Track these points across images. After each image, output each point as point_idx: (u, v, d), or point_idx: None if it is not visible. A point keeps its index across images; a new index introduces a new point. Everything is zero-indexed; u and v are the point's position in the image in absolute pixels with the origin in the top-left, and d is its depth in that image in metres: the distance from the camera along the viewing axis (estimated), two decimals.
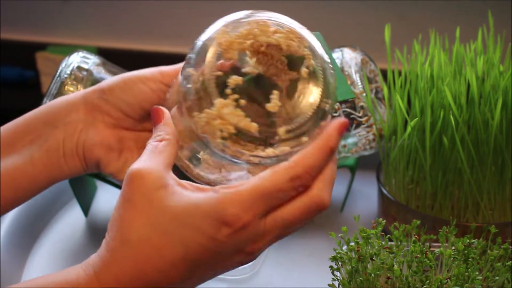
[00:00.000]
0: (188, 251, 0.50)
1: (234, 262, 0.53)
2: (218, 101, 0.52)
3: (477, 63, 0.75)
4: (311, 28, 0.59)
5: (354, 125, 0.82)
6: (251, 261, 0.54)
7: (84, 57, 0.79)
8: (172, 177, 0.53)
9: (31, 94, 1.26)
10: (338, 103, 0.82)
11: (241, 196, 0.50)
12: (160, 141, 0.55)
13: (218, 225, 0.50)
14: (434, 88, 0.75)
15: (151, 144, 0.55)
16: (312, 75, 0.54)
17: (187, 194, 0.51)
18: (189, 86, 0.54)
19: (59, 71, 0.77)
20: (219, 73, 0.53)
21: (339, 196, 0.90)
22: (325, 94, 0.54)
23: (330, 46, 0.88)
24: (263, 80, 0.55)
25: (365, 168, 0.92)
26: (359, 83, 0.82)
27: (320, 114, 0.54)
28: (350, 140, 0.83)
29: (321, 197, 0.52)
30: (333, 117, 0.55)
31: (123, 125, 0.65)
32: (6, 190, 0.63)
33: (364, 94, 0.81)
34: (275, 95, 0.53)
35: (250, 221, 0.50)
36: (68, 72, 0.77)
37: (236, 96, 0.53)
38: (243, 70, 0.54)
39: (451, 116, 0.73)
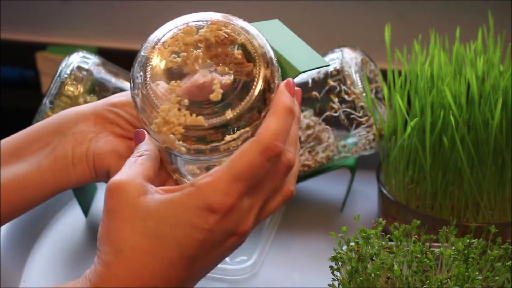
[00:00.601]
0: (183, 248, 0.50)
1: (229, 246, 0.53)
2: (161, 109, 0.54)
3: (477, 63, 0.75)
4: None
5: (354, 125, 0.82)
6: (243, 241, 0.55)
7: (84, 57, 0.79)
8: (150, 185, 0.53)
9: (31, 94, 1.26)
10: (338, 103, 0.82)
11: (219, 181, 0.50)
12: (139, 156, 0.56)
13: (205, 215, 0.50)
14: (434, 88, 0.75)
15: (130, 159, 0.56)
16: (248, 56, 0.55)
17: (167, 195, 0.52)
18: (137, 107, 0.56)
19: (59, 71, 0.77)
20: (157, 83, 0.55)
21: (339, 196, 0.90)
22: (265, 71, 0.55)
23: (330, 46, 0.88)
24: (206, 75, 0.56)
25: (365, 168, 0.92)
26: (359, 83, 0.82)
27: (266, 89, 0.55)
28: (350, 140, 0.83)
29: (287, 156, 0.53)
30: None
31: (133, 136, 0.65)
32: (12, 197, 0.63)
33: (364, 94, 0.81)
34: (216, 85, 0.54)
35: (234, 203, 0.51)
36: (68, 72, 0.77)
37: (178, 98, 0.54)
38: (184, 71, 0.56)
39: (451, 116, 0.73)
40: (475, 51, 0.78)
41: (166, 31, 0.57)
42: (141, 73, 0.56)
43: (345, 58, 0.83)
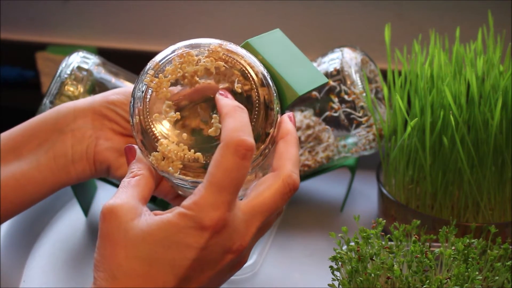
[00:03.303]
0: (176, 269, 0.50)
1: (226, 265, 0.52)
2: (159, 143, 0.55)
3: (477, 63, 0.75)
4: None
5: (354, 125, 0.82)
6: (244, 259, 0.54)
7: (84, 57, 0.79)
8: (145, 208, 0.53)
9: (31, 94, 1.26)
10: (338, 103, 0.82)
11: (204, 197, 0.50)
12: (133, 176, 0.55)
13: (197, 233, 0.50)
14: (434, 88, 0.76)
15: (124, 181, 0.55)
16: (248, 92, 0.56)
17: (159, 217, 0.51)
18: (134, 130, 0.57)
19: (59, 71, 0.77)
20: (156, 115, 0.56)
21: (339, 196, 0.90)
22: (264, 99, 0.56)
23: (330, 46, 0.88)
24: (207, 105, 0.57)
25: (365, 168, 0.92)
26: (359, 83, 0.82)
27: (264, 118, 0.56)
28: (350, 140, 0.83)
29: (291, 176, 0.54)
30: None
31: (131, 133, 0.65)
32: (12, 195, 0.63)
33: (364, 94, 0.81)
34: (215, 119, 0.55)
35: (224, 216, 0.50)
36: (68, 72, 0.77)
37: (177, 131, 0.56)
38: (181, 102, 0.57)
39: (451, 116, 0.73)
40: (475, 51, 0.78)
41: (166, 57, 0.58)
42: (141, 100, 0.57)
43: (345, 58, 0.83)
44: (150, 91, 0.57)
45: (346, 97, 0.82)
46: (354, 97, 0.81)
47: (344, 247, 0.64)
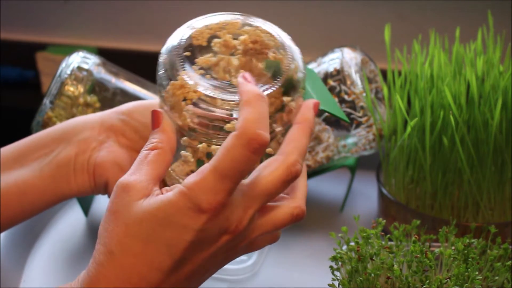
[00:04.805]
0: (172, 250, 0.50)
1: (222, 246, 0.52)
2: (181, 73, 0.55)
3: (477, 63, 0.75)
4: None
5: (354, 125, 0.82)
6: (241, 244, 0.54)
7: (84, 57, 0.79)
8: (156, 188, 0.53)
9: (31, 94, 1.26)
10: (338, 103, 0.82)
11: (206, 180, 0.50)
12: (152, 149, 0.55)
13: (195, 215, 0.50)
14: (434, 88, 0.75)
15: (142, 153, 0.55)
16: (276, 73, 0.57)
17: (160, 196, 0.51)
18: (160, 66, 0.57)
19: (59, 71, 0.77)
20: (187, 53, 0.56)
21: (339, 196, 0.90)
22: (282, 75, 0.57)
23: (330, 46, 0.88)
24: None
25: (365, 168, 0.92)
26: (359, 83, 0.82)
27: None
28: (350, 140, 0.83)
29: (295, 165, 0.53)
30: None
31: (137, 147, 0.65)
32: (13, 203, 0.63)
33: (364, 94, 0.81)
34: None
35: (223, 201, 0.50)
36: (68, 72, 0.77)
37: (201, 71, 0.56)
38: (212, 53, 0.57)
39: (451, 116, 0.73)
40: (475, 51, 0.78)
41: (209, 18, 0.59)
42: (177, 40, 0.57)
43: (345, 58, 0.83)
44: (182, 34, 0.57)
45: (346, 97, 0.82)
46: (354, 97, 0.81)
47: (344, 247, 0.64)
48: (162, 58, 0.57)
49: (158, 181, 0.53)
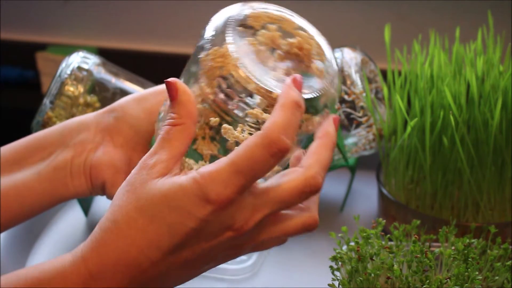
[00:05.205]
0: (173, 232, 0.50)
1: (224, 242, 0.52)
2: (230, 42, 0.54)
3: (477, 63, 0.75)
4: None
5: (354, 125, 0.82)
6: (245, 245, 0.53)
7: (84, 57, 0.79)
8: (175, 167, 0.52)
9: (31, 94, 1.26)
10: (337, 103, 0.82)
11: (220, 172, 0.50)
12: (173, 125, 0.53)
13: (201, 204, 0.50)
14: (434, 88, 0.75)
15: (164, 129, 0.53)
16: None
17: (174, 178, 0.51)
18: (207, 32, 0.55)
19: (59, 71, 0.77)
20: (240, 28, 0.55)
21: (339, 196, 0.90)
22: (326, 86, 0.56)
23: (330, 46, 0.88)
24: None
25: (365, 168, 0.92)
26: (359, 83, 0.82)
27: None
28: (350, 140, 0.83)
29: (316, 178, 0.52)
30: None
31: (133, 145, 0.65)
32: (12, 204, 0.64)
33: (364, 94, 0.81)
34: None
35: (232, 196, 0.50)
36: (68, 72, 0.77)
37: (248, 50, 0.54)
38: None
39: (451, 116, 0.73)
40: (475, 51, 0.78)
41: (271, 6, 0.58)
42: (235, 12, 0.56)
43: (345, 58, 0.83)
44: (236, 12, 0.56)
45: (346, 97, 0.82)
46: (354, 97, 0.81)
47: (344, 247, 0.64)
48: (213, 23, 0.56)
49: (181, 157, 0.53)
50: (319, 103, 0.55)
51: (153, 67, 0.68)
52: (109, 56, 0.84)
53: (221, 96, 0.54)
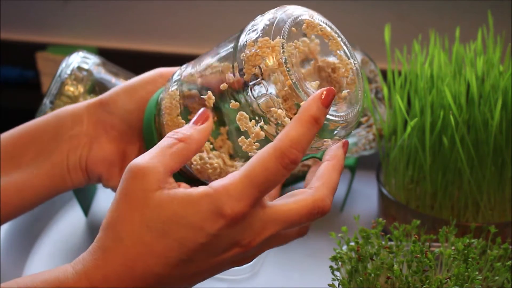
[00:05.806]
0: (183, 249, 0.50)
1: (230, 257, 0.52)
2: (281, 38, 0.54)
3: (477, 63, 0.75)
4: None
5: None
6: (248, 259, 0.54)
7: (84, 57, 0.79)
8: (172, 180, 0.52)
9: (31, 94, 1.26)
10: None
11: (235, 185, 0.50)
12: (181, 140, 0.54)
13: (214, 218, 0.50)
14: (434, 88, 0.76)
15: (169, 139, 0.54)
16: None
17: (184, 191, 0.51)
18: (262, 21, 0.56)
19: (59, 71, 0.77)
20: (293, 29, 0.55)
21: (339, 196, 0.90)
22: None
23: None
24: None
25: (365, 168, 0.92)
26: None
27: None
28: (350, 140, 0.83)
29: (324, 200, 0.53)
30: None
31: (127, 138, 0.65)
32: (12, 199, 0.64)
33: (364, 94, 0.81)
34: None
35: (246, 210, 0.50)
36: (68, 72, 0.77)
37: (292, 52, 0.54)
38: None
39: (451, 116, 0.73)
40: (475, 51, 0.78)
41: (326, 20, 0.59)
42: (294, 13, 0.56)
43: None
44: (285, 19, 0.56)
45: None
46: None
47: (344, 247, 0.64)
48: (270, 15, 0.56)
49: (172, 173, 0.53)
50: (335, 129, 0.55)
51: (153, 67, 0.68)
52: (109, 56, 0.84)
53: (252, 83, 0.54)
